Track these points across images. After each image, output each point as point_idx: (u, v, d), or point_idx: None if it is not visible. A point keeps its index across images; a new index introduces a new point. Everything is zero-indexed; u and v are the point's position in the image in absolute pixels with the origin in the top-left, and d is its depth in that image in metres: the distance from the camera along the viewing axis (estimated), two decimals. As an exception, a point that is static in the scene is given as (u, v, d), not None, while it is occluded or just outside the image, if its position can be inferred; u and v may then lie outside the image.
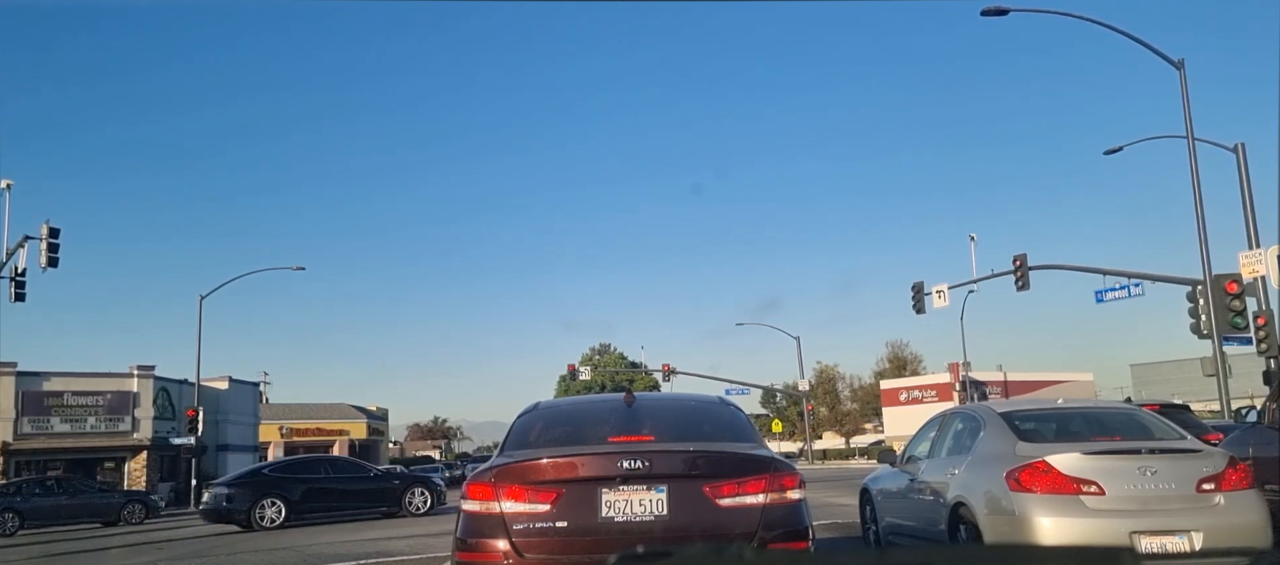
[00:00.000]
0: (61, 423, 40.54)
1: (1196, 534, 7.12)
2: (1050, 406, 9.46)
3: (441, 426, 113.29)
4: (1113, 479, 7.34)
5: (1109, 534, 7.12)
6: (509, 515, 5.39)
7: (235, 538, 20.92)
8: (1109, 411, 9.12)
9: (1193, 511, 7.26)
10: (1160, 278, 28.15)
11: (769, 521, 5.41)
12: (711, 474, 5.50)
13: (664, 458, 5.58)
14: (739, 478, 5.48)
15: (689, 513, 5.38)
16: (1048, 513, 7.31)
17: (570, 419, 6.87)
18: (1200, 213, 21.56)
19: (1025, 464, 7.54)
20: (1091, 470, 7.36)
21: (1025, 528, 7.35)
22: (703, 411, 6.82)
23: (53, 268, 27.62)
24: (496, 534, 5.39)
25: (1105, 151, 30.77)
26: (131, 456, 42.79)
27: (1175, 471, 7.41)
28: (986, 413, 8.88)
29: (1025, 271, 33.08)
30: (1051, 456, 7.49)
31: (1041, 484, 7.40)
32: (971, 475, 8.28)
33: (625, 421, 6.32)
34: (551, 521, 5.36)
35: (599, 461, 5.53)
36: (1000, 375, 69.09)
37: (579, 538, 5.33)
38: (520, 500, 5.41)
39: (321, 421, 76.85)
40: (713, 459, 5.66)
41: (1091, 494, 7.30)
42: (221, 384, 49.89)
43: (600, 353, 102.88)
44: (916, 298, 38.47)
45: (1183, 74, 21.38)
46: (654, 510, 5.37)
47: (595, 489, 5.41)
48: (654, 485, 5.40)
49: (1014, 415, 8.59)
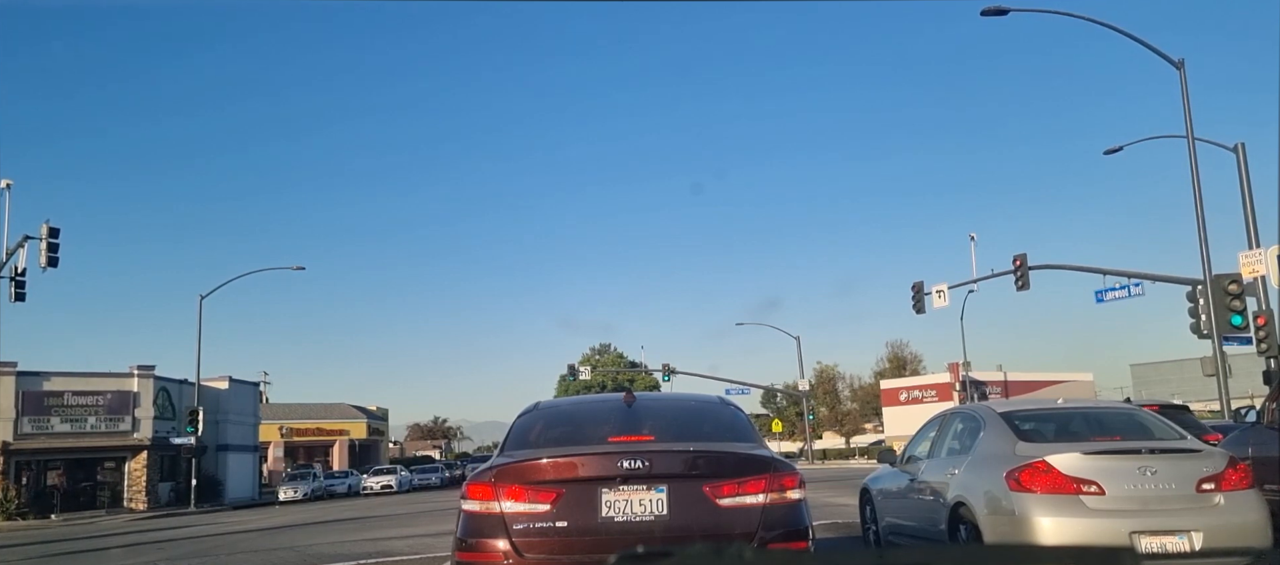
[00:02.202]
0: (62, 422, 40.48)
1: (1196, 534, 7.10)
2: (1050, 406, 9.41)
3: (441, 426, 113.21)
4: (1113, 479, 7.33)
5: (1109, 534, 7.13)
6: (509, 515, 5.37)
7: (236, 537, 20.93)
8: (1109, 411, 9.10)
9: (1193, 511, 7.24)
10: (1160, 278, 28.13)
11: (769, 521, 5.39)
12: (711, 474, 5.48)
13: (664, 458, 5.56)
14: (739, 478, 5.45)
15: (689, 513, 5.36)
16: (1048, 513, 7.31)
17: (570, 419, 6.84)
18: (1200, 212, 21.54)
19: (1025, 464, 7.54)
20: (1091, 470, 7.36)
21: (1025, 528, 7.35)
22: (703, 411, 6.78)
23: (53, 267, 27.66)
24: (496, 534, 5.37)
25: (1105, 151, 30.83)
26: (132, 456, 42.73)
27: (1175, 471, 7.40)
28: (987, 413, 8.87)
29: (1025, 271, 33.06)
30: (1051, 456, 7.49)
31: (1042, 484, 7.40)
32: (971, 475, 8.29)
33: (625, 421, 6.29)
34: (551, 521, 5.33)
35: (599, 461, 5.51)
36: (1000, 375, 69.00)
37: (579, 538, 5.31)
38: (520, 500, 5.39)
39: (322, 421, 76.88)
40: (713, 459, 5.63)
41: (1092, 494, 7.30)
42: (222, 384, 49.84)
43: (600, 353, 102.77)
44: (916, 298, 38.46)
45: (1183, 74, 21.37)
46: (654, 510, 5.36)
47: (595, 489, 5.39)
48: (654, 485, 5.39)
49: (1014, 415, 8.58)
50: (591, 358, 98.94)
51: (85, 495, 41.96)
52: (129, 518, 37.32)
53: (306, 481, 49.86)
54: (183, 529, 25.94)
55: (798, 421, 69.53)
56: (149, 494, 42.62)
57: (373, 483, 52.44)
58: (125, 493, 42.61)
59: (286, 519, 28.11)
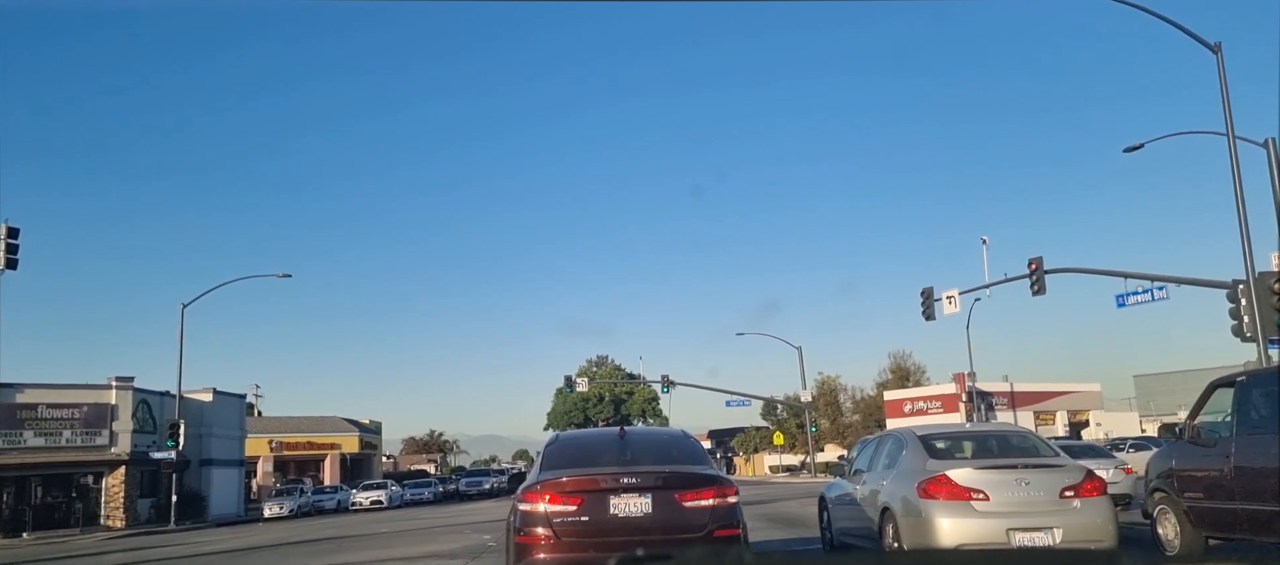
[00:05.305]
0: (35, 436, 38.74)
1: (1058, 530, 9.01)
2: (959, 429, 11.81)
3: (437, 440, 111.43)
4: (996, 488, 9.24)
5: (992, 531, 9.00)
6: (551, 512, 7.68)
7: (201, 560, 19.35)
8: (1007, 434, 11.18)
9: (1056, 513, 9.13)
10: (1189, 281, 26.64)
11: (716, 517, 7.78)
12: (679, 486, 7.88)
13: (649, 477, 7.92)
14: (697, 489, 7.88)
15: (665, 512, 7.72)
16: (946, 515, 9.16)
17: (583, 447, 9.24)
18: (1242, 208, 20.06)
19: (931, 476, 9.44)
20: (980, 481, 9.28)
21: (929, 526, 9.21)
22: (672, 442, 9.15)
23: (11, 270, 26.08)
24: (542, 524, 7.68)
25: (1125, 149, 29.33)
26: (109, 472, 40.98)
27: (1044, 482, 9.33)
28: (908, 435, 10.81)
29: (1041, 275, 31.59)
30: (950, 471, 9.42)
31: (943, 492, 9.29)
32: (894, 485, 10.15)
33: (621, 450, 8.70)
34: (578, 517, 7.67)
35: (608, 478, 7.88)
36: (1006, 386, 67.40)
37: (596, 526, 7.64)
38: (557, 503, 7.70)
39: (312, 435, 75.20)
40: (680, 477, 8.03)
41: (980, 500, 9.19)
42: (206, 396, 48.18)
43: (598, 364, 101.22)
44: (926, 304, 36.93)
45: (1220, 58, 19.95)
46: (643, 510, 7.71)
47: (606, 496, 7.74)
48: (643, 494, 7.75)
49: (929, 437, 10.50)
50: (589, 369, 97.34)
51: (60, 512, 40.20)
52: (104, 536, 35.67)
53: (293, 497, 48.14)
54: (149, 550, 24.32)
55: (799, 433, 67.71)
56: (128, 511, 40.85)
57: (362, 498, 50.71)
58: (102, 510, 40.79)
59: (265, 538, 26.51)
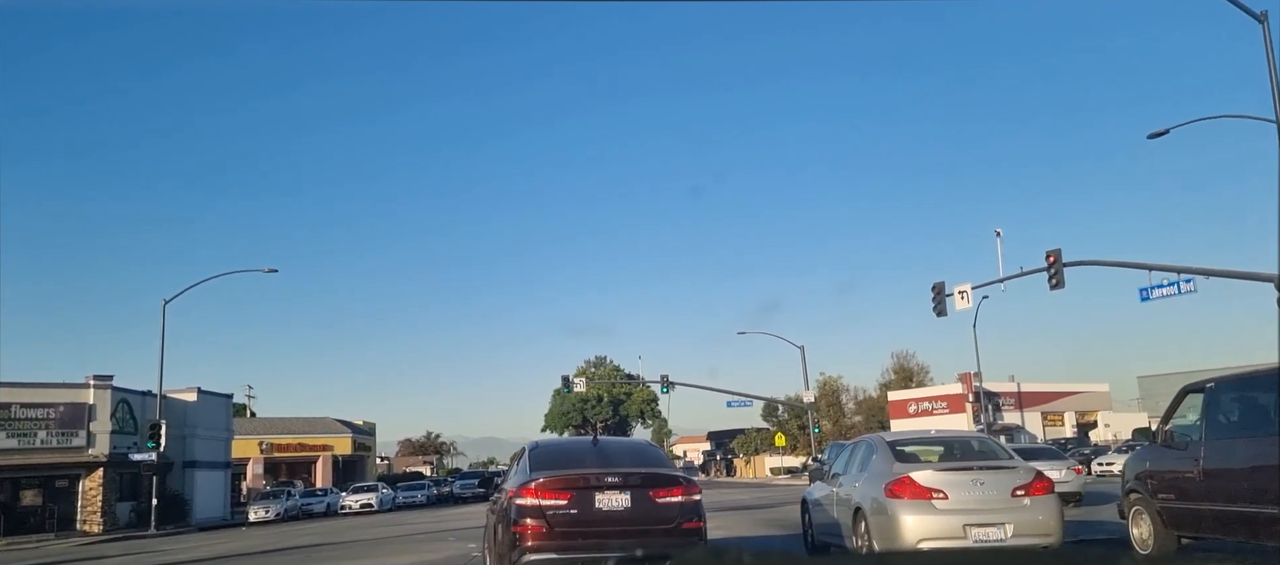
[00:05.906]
0: (8, 437, 37.16)
1: (1009, 526, 9.84)
2: (925, 435, 13.34)
3: (433, 441, 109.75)
4: (955, 488, 10.06)
5: (950, 527, 9.82)
6: (544, 505, 9.03)
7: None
8: (969, 439, 11.95)
9: (1008, 511, 9.95)
10: (1223, 273, 25.14)
11: (683, 512, 9.26)
12: (653, 485, 9.35)
13: (629, 476, 9.38)
14: (668, 487, 9.37)
15: (641, 506, 9.15)
16: (910, 512, 9.95)
17: (564, 451, 10.95)
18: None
19: (897, 478, 10.25)
20: (940, 482, 10.10)
21: (895, 523, 10.00)
22: (640, 449, 10.97)
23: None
24: (537, 516, 9.01)
25: (1150, 135, 27.87)
26: (87, 474, 39.39)
27: (998, 482, 10.18)
28: (878, 441, 11.69)
29: (1060, 268, 30.06)
30: (913, 473, 10.24)
31: (907, 492, 10.09)
32: (865, 487, 10.94)
33: (597, 454, 10.18)
34: (567, 509, 9.05)
35: (594, 476, 9.34)
36: (1013, 386, 65.92)
37: (583, 518, 9.05)
38: (549, 498, 9.06)
39: (304, 436, 73.64)
40: (654, 477, 9.52)
41: (940, 499, 10.01)
42: (189, 395, 46.59)
43: (596, 365, 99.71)
44: (937, 299, 35.40)
45: (1266, 27, 18.49)
46: (623, 505, 9.14)
47: (592, 492, 9.16)
48: (623, 491, 9.20)
49: (897, 442, 11.43)
50: (587, 370, 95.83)
51: (34, 516, 38.62)
52: (79, 542, 34.14)
53: (279, 501, 46.50)
54: (115, 558, 22.76)
55: (800, 435, 66.10)
56: (106, 515, 39.24)
57: (351, 501, 49.11)
58: (79, 513, 39.19)
59: (243, 545, 24.99)
